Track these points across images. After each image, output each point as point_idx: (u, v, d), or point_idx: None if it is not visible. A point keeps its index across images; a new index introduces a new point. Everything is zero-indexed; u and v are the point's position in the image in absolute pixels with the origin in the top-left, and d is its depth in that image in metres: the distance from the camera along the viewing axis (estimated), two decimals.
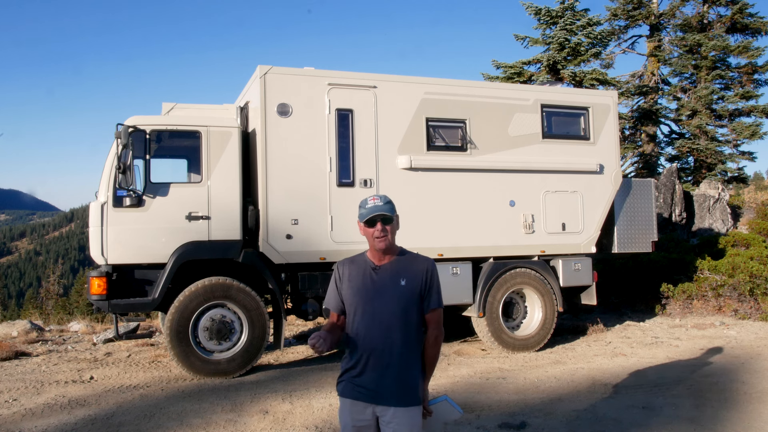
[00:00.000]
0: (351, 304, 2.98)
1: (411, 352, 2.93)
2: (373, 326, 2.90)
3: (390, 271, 2.95)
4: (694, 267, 11.82)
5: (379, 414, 2.89)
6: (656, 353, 8.22)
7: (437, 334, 3.01)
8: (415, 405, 2.91)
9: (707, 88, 19.37)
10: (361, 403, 2.90)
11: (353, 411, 2.92)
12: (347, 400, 2.95)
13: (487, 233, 8.52)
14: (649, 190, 9.85)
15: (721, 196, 15.90)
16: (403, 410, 2.86)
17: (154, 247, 7.16)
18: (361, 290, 2.95)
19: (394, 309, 2.89)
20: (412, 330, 2.93)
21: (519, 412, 5.72)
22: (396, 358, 2.88)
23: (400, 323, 2.90)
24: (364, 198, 3.01)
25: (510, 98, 8.86)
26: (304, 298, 7.88)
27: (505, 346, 8.56)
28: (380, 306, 2.90)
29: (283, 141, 7.61)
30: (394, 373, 2.87)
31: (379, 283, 2.93)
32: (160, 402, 6.26)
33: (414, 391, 2.92)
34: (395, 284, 2.91)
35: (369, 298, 2.93)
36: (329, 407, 5.92)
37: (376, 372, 2.88)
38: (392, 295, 2.91)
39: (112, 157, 7.09)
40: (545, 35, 18.60)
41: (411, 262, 3.00)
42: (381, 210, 2.89)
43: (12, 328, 10.63)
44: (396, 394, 2.86)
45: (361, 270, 2.99)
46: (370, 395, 2.88)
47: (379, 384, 2.87)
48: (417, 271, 2.95)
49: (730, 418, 5.49)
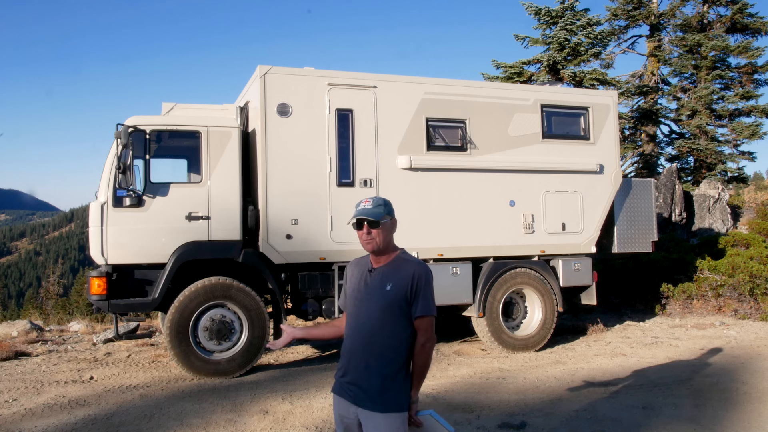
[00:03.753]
0: (345, 305, 3.06)
1: (393, 357, 2.85)
2: (357, 328, 2.91)
3: (380, 275, 2.93)
4: (694, 267, 11.82)
5: (360, 415, 2.88)
6: (656, 353, 8.22)
7: (424, 342, 2.89)
8: (394, 411, 2.82)
9: (707, 88, 19.37)
10: (345, 402, 2.92)
11: (340, 408, 2.95)
12: (336, 397, 2.99)
13: (487, 233, 8.52)
14: (649, 190, 9.85)
15: (721, 196, 15.90)
16: (381, 416, 2.81)
17: (154, 247, 7.16)
18: (355, 292, 2.98)
19: (377, 314, 2.87)
20: (395, 336, 2.87)
21: (519, 412, 5.72)
22: (376, 361, 2.84)
23: (382, 328, 2.86)
24: (360, 199, 3.03)
25: (510, 98, 8.86)
26: (304, 298, 7.89)
27: (505, 346, 8.56)
28: (366, 309, 2.90)
29: (283, 141, 7.61)
30: (373, 377, 2.83)
31: (371, 286, 2.93)
32: (160, 402, 6.26)
33: (394, 397, 2.83)
34: (382, 289, 2.89)
35: (359, 301, 2.94)
36: (329, 407, 5.92)
37: (357, 374, 2.88)
38: (377, 299, 2.88)
39: (112, 157, 7.09)
40: (545, 35, 18.60)
41: (401, 266, 2.92)
42: (365, 214, 2.89)
43: (12, 328, 10.63)
44: (374, 399, 2.82)
45: (360, 272, 3.01)
46: (351, 396, 2.89)
47: (360, 386, 2.86)
48: (404, 276, 2.88)
49: (730, 418, 5.49)
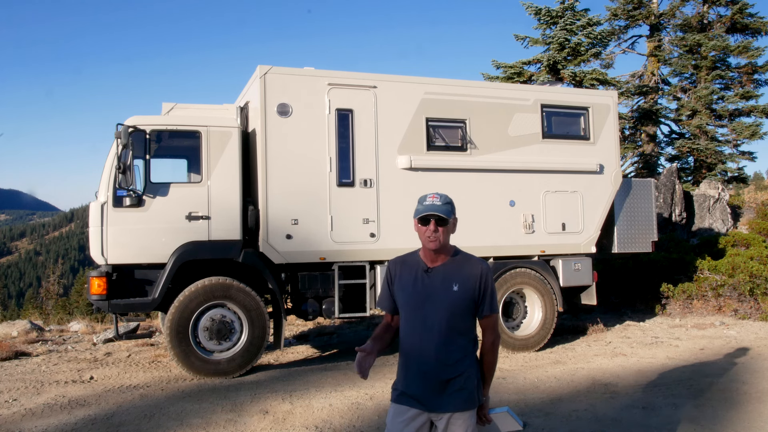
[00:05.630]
0: (402, 307, 2.89)
1: (464, 357, 2.81)
2: (424, 330, 2.78)
3: (442, 274, 2.82)
4: (694, 267, 11.81)
5: (435, 420, 2.80)
6: (656, 353, 8.22)
7: (493, 339, 2.89)
8: (471, 408, 2.81)
9: (707, 88, 19.37)
10: (414, 410, 2.80)
11: (403, 418, 2.81)
12: (399, 407, 2.84)
13: (487, 233, 8.52)
14: (649, 190, 9.85)
15: (721, 196, 15.90)
16: (459, 414, 2.77)
17: (154, 247, 7.16)
18: (412, 294, 2.83)
19: (446, 314, 2.77)
20: (465, 335, 2.83)
21: (519, 412, 5.71)
22: (449, 362, 2.77)
23: (452, 328, 2.78)
24: (424, 194, 2.86)
25: (510, 98, 8.86)
26: (304, 298, 7.89)
27: (505, 346, 8.55)
28: (433, 310, 2.78)
29: (283, 141, 7.61)
30: (447, 379, 2.76)
31: (431, 286, 2.80)
32: (160, 402, 6.26)
33: (471, 395, 2.81)
34: (447, 289, 2.78)
35: (420, 302, 2.80)
36: (329, 407, 5.92)
37: (429, 379, 2.77)
38: (443, 300, 2.78)
39: (112, 157, 7.09)
40: (545, 35, 18.60)
41: (464, 264, 2.84)
42: (436, 210, 2.75)
43: (12, 328, 10.64)
44: (451, 400, 2.76)
45: (413, 271, 2.87)
46: (422, 403, 2.78)
47: (433, 391, 2.76)
48: (470, 275, 2.80)
49: (730, 418, 5.48)
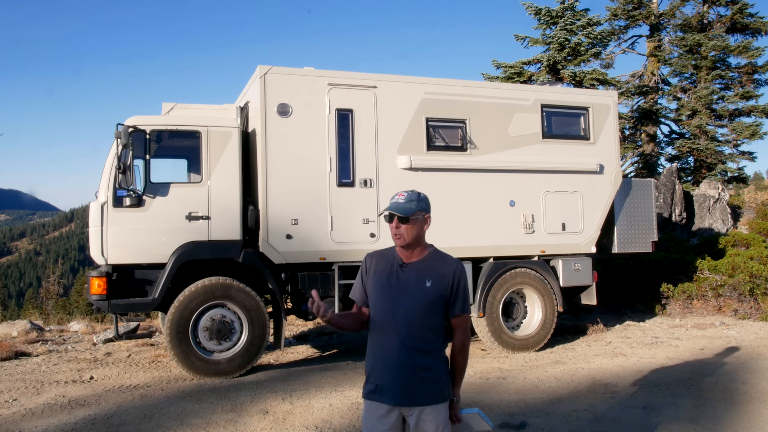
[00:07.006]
0: (374, 299, 2.91)
1: (433, 352, 2.84)
2: (394, 325, 2.82)
3: (416, 270, 2.86)
4: (694, 267, 11.81)
5: (406, 415, 2.82)
6: (656, 353, 8.22)
7: (464, 340, 2.92)
8: (442, 402, 2.84)
9: (707, 88, 19.37)
10: (386, 406, 2.82)
11: (376, 414, 2.84)
12: (371, 404, 2.87)
13: (487, 233, 8.52)
14: (649, 190, 9.85)
15: (721, 196, 15.90)
16: (429, 409, 2.80)
17: (154, 247, 7.16)
18: (386, 286, 2.87)
19: (418, 309, 2.81)
20: (434, 331, 2.85)
21: (519, 412, 5.72)
22: (418, 357, 2.80)
23: (422, 324, 2.81)
24: (396, 192, 2.95)
25: (510, 98, 8.86)
26: (304, 298, 7.88)
27: (505, 346, 8.56)
28: (404, 305, 2.82)
29: (283, 141, 7.61)
30: (417, 373, 2.79)
31: (405, 281, 2.85)
32: (160, 402, 6.26)
33: (440, 389, 2.83)
34: (420, 285, 2.83)
35: (392, 296, 2.85)
36: (329, 407, 5.92)
37: (399, 372, 2.79)
38: (416, 295, 2.82)
39: (112, 157, 7.09)
40: (545, 35, 18.59)
41: (438, 263, 2.89)
42: (395, 208, 2.83)
43: (12, 328, 10.64)
44: (420, 394, 2.79)
45: (389, 265, 2.91)
46: (392, 397, 2.80)
47: (402, 385, 2.79)
48: (444, 274, 2.85)
49: (730, 418, 5.48)
